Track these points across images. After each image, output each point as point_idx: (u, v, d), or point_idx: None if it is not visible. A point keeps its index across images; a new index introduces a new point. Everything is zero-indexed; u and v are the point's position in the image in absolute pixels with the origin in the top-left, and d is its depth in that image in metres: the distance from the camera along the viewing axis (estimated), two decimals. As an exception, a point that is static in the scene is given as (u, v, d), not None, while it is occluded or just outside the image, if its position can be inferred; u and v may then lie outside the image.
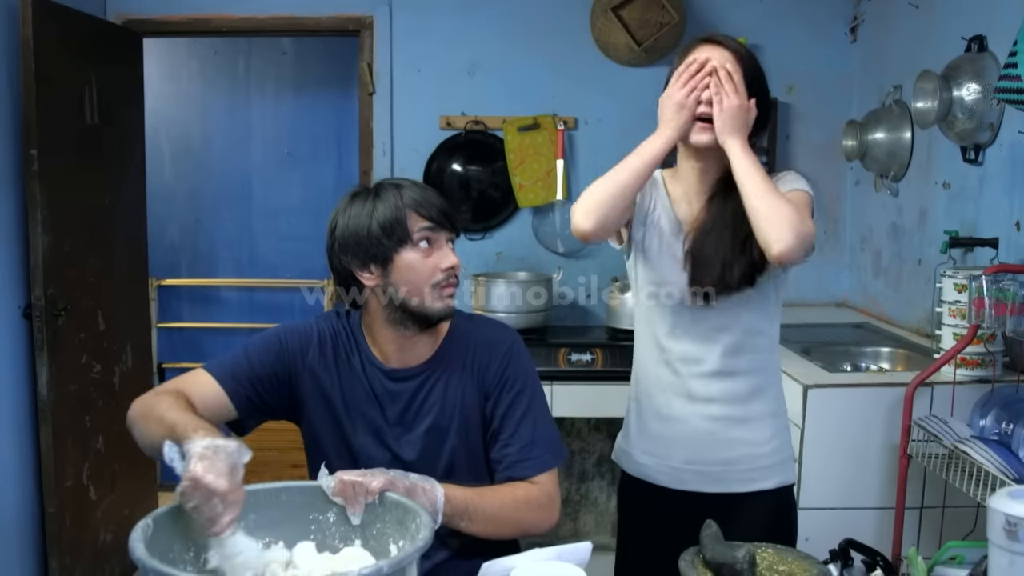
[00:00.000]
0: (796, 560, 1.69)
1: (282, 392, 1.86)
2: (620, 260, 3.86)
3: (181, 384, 1.78)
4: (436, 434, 1.86)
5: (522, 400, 1.87)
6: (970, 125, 2.95)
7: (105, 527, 3.75)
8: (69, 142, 3.50)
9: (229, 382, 1.80)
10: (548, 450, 1.86)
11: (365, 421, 1.86)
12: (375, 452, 1.86)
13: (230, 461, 1.42)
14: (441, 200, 1.82)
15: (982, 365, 2.68)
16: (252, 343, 1.87)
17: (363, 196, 1.81)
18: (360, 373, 1.87)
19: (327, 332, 1.90)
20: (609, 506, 4.21)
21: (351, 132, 4.73)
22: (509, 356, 1.89)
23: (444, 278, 1.80)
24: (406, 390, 1.87)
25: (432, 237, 1.79)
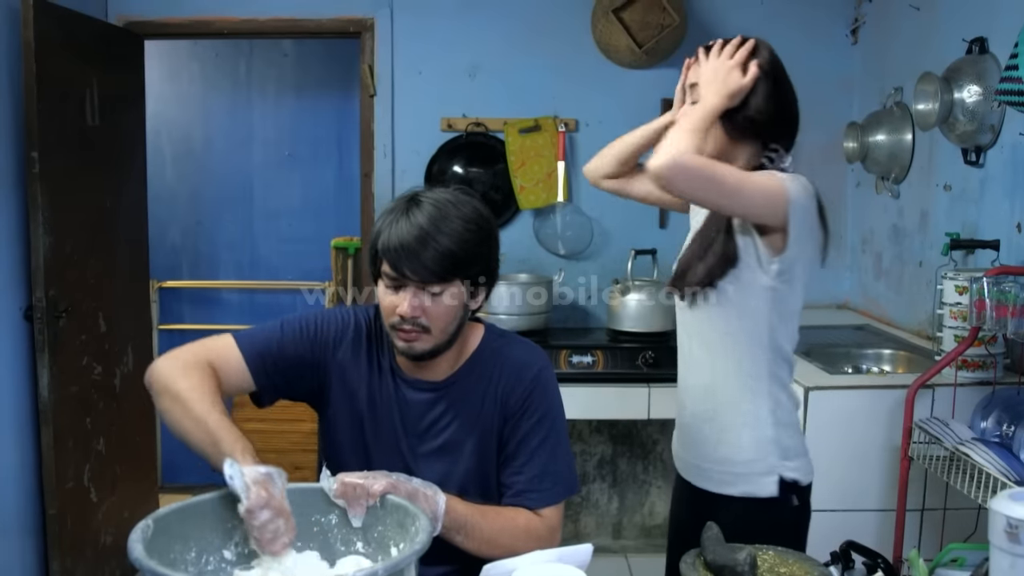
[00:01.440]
0: (797, 562, 1.69)
1: (307, 379, 1.82)
2: (621, 261, 3.88)
3: (209, 353, 1.73)
4: (451, 451, 1.83)
5: (541, 429, 1.82)
6: (971, 127, 2.95)
7: (106, 529, 3.75)
8: (70, 144, 3.51)
9: (255, 360, 1.76)
10: (558, 483, 1.82)
11: (384, 424, 1.83)
12: (389, 457, 1.83)
13: (283, 491, 1.49)
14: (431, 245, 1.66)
15: (983, 367, 2.68)
16: (288, 323, 1.82)
17: (395, 204, 1.75)
18: (388, 374, 1.84)
19: (363, 326, 1.86)
20: (610, 508, 4.21)
21: (352, 134, 4.73)
22: (536, 382, 1.83)
23: (397, 322, 1.71)
24: (425, 402, 1.83)
25: (395, 283, 1.71)
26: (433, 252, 1.66)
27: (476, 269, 1.75)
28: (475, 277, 1.76)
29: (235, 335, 1.77)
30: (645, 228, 4.17)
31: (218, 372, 1.70)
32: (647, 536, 4.26)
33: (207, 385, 1.65)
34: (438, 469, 1.81)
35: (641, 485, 4.24)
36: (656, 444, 4.21)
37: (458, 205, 1.71)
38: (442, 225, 1.67)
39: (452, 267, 1.69)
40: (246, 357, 1.75)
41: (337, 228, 4.87)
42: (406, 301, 1.69)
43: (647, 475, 4.23)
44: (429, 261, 1.66)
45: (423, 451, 1.83)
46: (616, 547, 4.26)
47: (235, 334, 1.78)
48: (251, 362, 1.75)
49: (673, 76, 4.04)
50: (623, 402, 3.70)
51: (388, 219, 1.71)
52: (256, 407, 1.86)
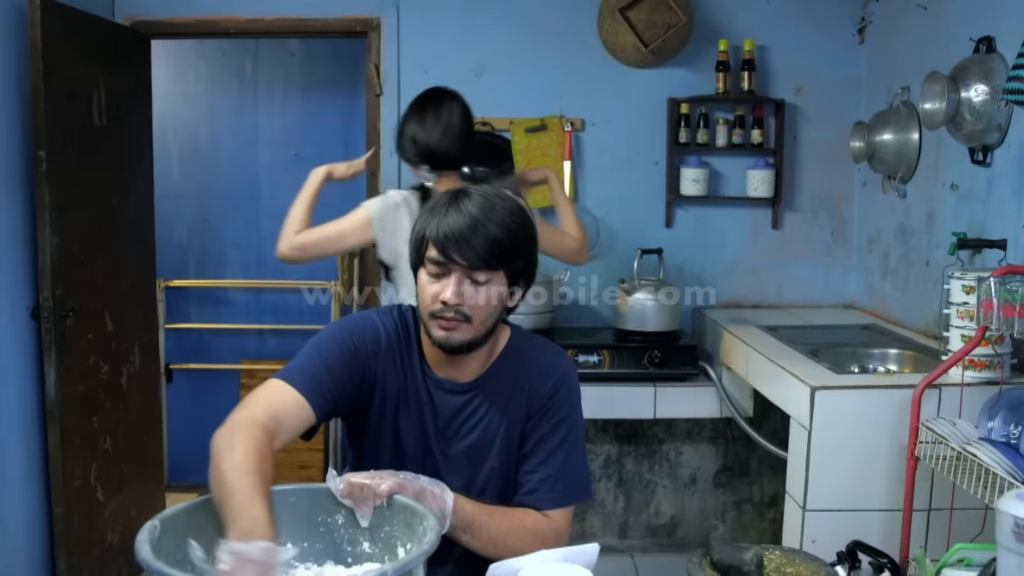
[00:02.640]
0: (804, 562, 1.69)
1: (356, 395, 1.81)
2: (627, 262, 3.88)
3: (270, 405, 1.66)
4: (477, 453, 1.83)
5: (560, 431, 1.84)
6: (978, 126, 2.94)
7: (112, 528, 3.76)
8: (77, 143, 3.51)
9: (315, 398, 1.71)
10: (571, 487, 1.83)
11: (416, 424, 1.84)
12: (420, 457, 1.83)
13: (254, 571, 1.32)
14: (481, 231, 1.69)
15: (990, 367, 2.67)
16: (326, 349, 1.77)
17: (441, 198, 1.77)
18: (419, 374, 1.84)
19: (391, 330, 1.85)
20: (616, 508, 4.21)
21: (358, 133, 4.73)
22: (559, 385, 1.85)
23: (439, 310, 1.72)
24: (453, 403, 1.84)
25: (442, 269, 1.72)
26: (483, 239, 1.69)
27: (520, 263, 1.78)
28: (517, 271, 1.78)
29: (282, 376, 1.72)
30: (651, 228, 4.17)
31: (275, 420, 1.63)
32: (653, 536, 4.26)
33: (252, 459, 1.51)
34: (464, 470, 1.83)
35: (647, 485, 4.24)
36: (662, 444, 4.21)
37: (505, 199, 1.76)
38: (491, 214, 1.71)
39: (499, 255, 1.72)
40: (302, 392, 1.69)
41: (343, 227, 4.87)
42: (450, 287, 1.71)
43: (653, 474, 4.23)
44: (478, 247, 1.69)
45: (451, 452, 1.84)
46: (622, 547, 4.26)
47: (282, 375, 1.72)
48: (312, 400, 1.70)
49: (680, 75, 4.10)
50: (629, 401, 3.71)
51: (436, 210, 1.74)
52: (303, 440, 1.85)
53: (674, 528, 4.26)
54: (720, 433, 4.22)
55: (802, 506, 2.77)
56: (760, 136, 4.08)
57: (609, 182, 4.18)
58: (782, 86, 4.14)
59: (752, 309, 4.17)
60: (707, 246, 4.21)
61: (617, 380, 3.70)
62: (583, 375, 3.62)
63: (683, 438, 4.22)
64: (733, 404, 3.71)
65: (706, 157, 4.14)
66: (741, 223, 4.21)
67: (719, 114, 4.12)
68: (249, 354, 5.11)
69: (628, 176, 4.17)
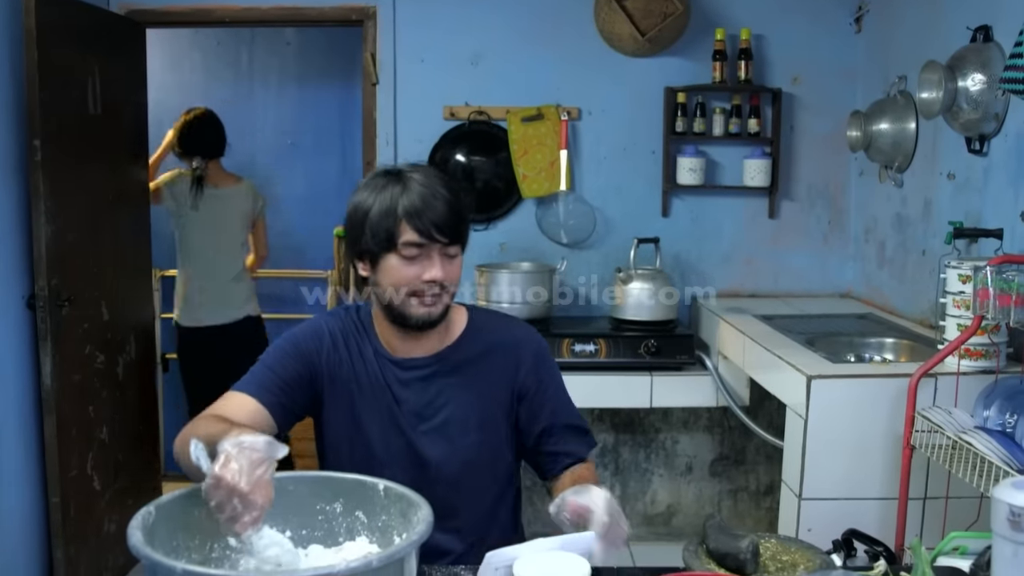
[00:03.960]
0: (799, 550, 1.69)
1: (308, 392, 1.88)
2: (624, 251, 3.88)
3: (218, 409, 1.77)
4: (455, 427, 1.87)
5: (559, 393, 1.94)
6: (975, 115, 2.94)
7: (109, 517, 3.76)
8: (72, 132, 3.50)
9: (264, 395, 1.80)
10: (586, 430, 1.96)
11: (380, 410, 1.87)
12: (392, 441, 1.87)
13: (254, 458, 1.40)
14: (447, 206, 1.76)
15: (986, 356, 2.67)
16: (268, 356, 1.88)
17: (377, 181, 1.79)
18: (372, 362, 1.88)
19: (336, 328, 1.91)
20: (613, 495, 4.21)
21: (354, 123, 4.72)
22: (540, 356, 1.94)
23: (423, 288, 1.77)
24: (417, 379, 1.88)
25: (420, 251, 1.76)
26: (455, 215, 1.77)
27: (468, 229, 1.86)
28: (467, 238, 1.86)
29: (233, 388, 1.83)
30: (648, 217, 4.16)
31: (228, 417, 1.71)
32: (649, 524, 4.27)
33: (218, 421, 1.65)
34: (442, 446, 1.86)
35: (643, 473, 4.25)
36: (659, 432, 4.22)
37: (432, 171, 1.84)
38: (448, 188, 1.78)
39: (466, 227, 1.82)
40: (255, 396, 1.79)
41: (340, 217, 4.77)
42: (436, 266, 1.76)
43: (649, 463, 4.24)
44: (454, 224, 1.77)
45: (424, 429, 1.87)
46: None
47: (233, 387, 1.83)
48: (262, 398, 1.79)
49: (677, 64, 4.09)
50: (625, 390, 3.71)
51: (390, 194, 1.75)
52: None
53: (670, 517, 4.27)
54: (716, 422, 4.22)
55: (798, 495, 2.78)
56: (757, 125, 4.08)
57: (606, 171, 4.17)
58: (779, 75, 4.14)
59: (749, 298, 4.17)
60: (704, 235, 4.21)
61: (613, 369, 3.70)
62: (579, 364, 3.68)
63: (679, 427, 4.23)
64: (729, 393, 3.71)
65: (703, 146, 4.13)
66: (738, 212, 4.21)
67: (716, 103, 4.12)
68: (245, 344, 5.10)
69: (625, 165, 4.17)
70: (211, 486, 1.38)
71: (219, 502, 1.38)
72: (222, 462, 1.39)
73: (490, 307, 3.57)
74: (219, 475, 1.37)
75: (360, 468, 1.74)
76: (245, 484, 1.37)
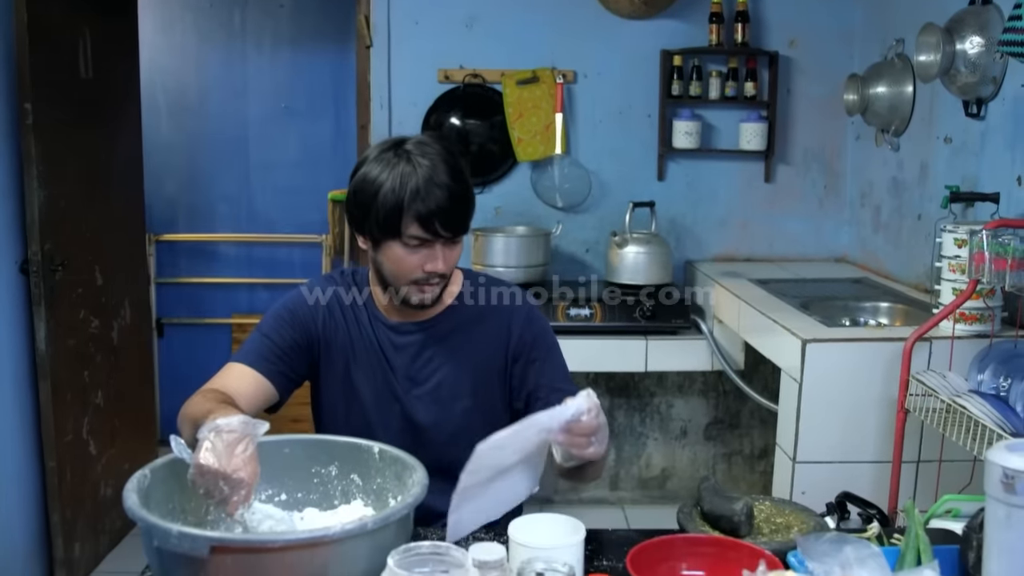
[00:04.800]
0: (793, 512, 1.70)
1: (305, 358, 1.89)
2: (619, 215, 3.88)
3: (218, 381, 1.78)
4: (448, 391, 1.87)
5: (554, 356, 1.93)
6: (973, 79, 2.93)
7: (105, 481, 3.77)
8: (64, 96, 3.47)
9: (262, 364, 1.81)
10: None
11: (374, 375, 1.88)
12: (386, 405, 1.88)
13: (230, 439, 1.40)
14: (453, 200, 1.72)
15: (981, 320, 2.68)
16: (264, 324, 1.88)
17: (388, 157, 1.75)
18: (367, 326, 1.89)
19: (331, 292, 1.92)
20: (607, 460, 4.23)
21: (348, 86, 4.69)
22: (531, 317, 1.94)
23: (424, 278, 1.77)
24: (411, 344, 1.88)
25: (423, 243, 1.74)
26: (460, 209, 1.75)
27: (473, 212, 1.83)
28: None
29: (232, 359, 1.84)
30: (643, 181, 4.15)
31: (230, 391, 1.73)
32: (644, 488, 4.29)
33: (210, 397, 1.66)
34: (434, 411, 1.87)
35: (638, 437, 4.26)
36: (653, 397, 4.23)
37: (438, 149, 1.76)
38: (451, 176, 1.73)
39: (470, 217, 1.80)
40: (254, 366, 1.81)
41: (334, 181, 4.84)
42: (438, 258, 1.75)
43: (644, 427, 4.26)
44: (460, 219, 1.76)
45: (417, 394, 1.89)
46: (613, 499, 4.29)
47: (232, 358, 1.84)
48: (260, 367, 1.81)
49: (674, 27, 4.05)
50: (620, 355, 3.71)
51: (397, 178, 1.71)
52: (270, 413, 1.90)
53: (665, 480, 4.30)
54: (711, 386, 4.23)
55: (792, 458, 2.79)
56: (753, 89, 4.06)
57: (601, 135, 4.15)
58: (776, 38, 4.11)
59: (744, 263, 4.17)
60: (699, 199, 4.20)
61: (608, 333, 3.70)
62: (574, 328, 3.68)
63: (674, 391, 4.24)
64: (724, 357, 3.72)
65: (699, 110, 4.11)
66: (733, 176, 4.20)
67: (712, 66, 4.09)
68: (240, 308, 5.10)
69: (620, 129, 4.15)
70: (195, 475, 1.40)
71: (206, 488, 1.40)
72: (201, 449, 1.39)
73: (485, 271, 3.57)
74: (199, 463, 1.38)
75: (355, 432, 1.75)
76: (226, 466, 1.38)
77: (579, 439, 1.53)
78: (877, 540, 1.56)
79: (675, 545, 1.52)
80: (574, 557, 1.40)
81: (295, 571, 1.26)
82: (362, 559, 1.29)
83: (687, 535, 1.57)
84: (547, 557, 1.29)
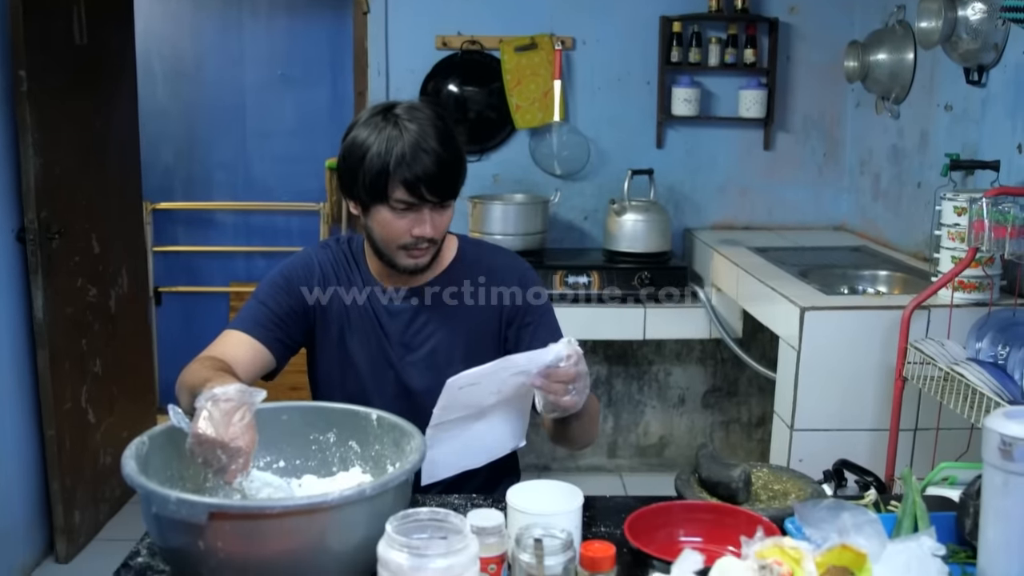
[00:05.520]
0: (791, 479, 1.70)
1: (302, 325, 1.89)
2: (618, 183, 3.86)
3: (215, 349, 1.78)
4: (442, 357, 1.87)
5: (549, 318, 1.93)
6: (974, 46, 2.91)
7: (105, 449, 3.78)
8: (58, 63, 3.44)
9: (259, 331, 1.82)
10: None
11: (369, 341, 1.89)
12: (381, 371, 1.88)
13: (227, 407, 1.40)
14: (440, 165, 1.71)
15: (979, 289, 2.68)
16: (260, 291, 1.89)
17: (377, 121, 1.74)
18: (363, 291, 1.90)
19: (327, 259, 1.92)
20: (605, 428, 4.25)
21: (345, 53, 4.65)
22: (527, 281, 1.93)
23: (413, 243, 1.77)
24: (406, 310, 1.89)
25: (411, 207, 1.74)
26: (449, 174, 1.73)
27: (465, 176, 1.82)
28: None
29: (229, 326, 1.85)
30: (642, 148, 4.13)
31: (227, 358, 1.74)
32: (642, 455, 4.31)
33: (207, 365, 1.67)
34: (428, 376, 1.86)
35: (636, 405, 4.27)
36: (651, 364, 4.24)
37: (429, 114, 1.75)
38: (441, 142, 1.72)
39: (459, 179, 1.78)
40: (251, 333, 1.81)
41: (331, 148, 4.77)
42: (425, 222, 1.75)
43: (642, 395, 4.26)
44: (448, 183, 1.74)
45: (411, 360, 1.89)
46: (611, 466, 4.31)
47: (228, 325, 1.85)
48: (257, 333, 1.81)
49: (672, -8, 4.00)
50: (619, 322, 3.71)
51: (385, 141, 1.70)
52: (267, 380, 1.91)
53: (662, 448, 4.31)
54: (709, 354, 4.24)
55: (790, 426, 2.80)
56: (753, 56, 4.03)
57: (600, 102, 4.13)
58: (776, 4, 4.07)
59: (743, 231, 4.16)
60: (698, 167, 4.19)
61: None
62: (573, 296, 3.67)
63: (672, 359, 4.24)
64: (722, 325, 3.72)
65: (698, 77, 4.09)
66: (733, 144, 4.18)
67: (712, 33, 4.06)
68: (238, 276, 5.09)
69: (619, 96, 4.12)
70: (193, 444, 1.40)
71: (205, 457, 1.40)
72: (198, 419, 1.39)
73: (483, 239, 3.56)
74: (197, 432, 1.38)
75: (350, 398, 1.76)
76: (223, 434, 1.38)
77: (556, 385, 1.53)
78: (874, 507, 1.56)
79: (673, 512, 1.53)
80: (572, 524, 1.40)
81: (293, 537, 1.27)
82: (360, 525, 1.29)
83: (685, 502, 1.58)
84: (545, 523, 1.30)
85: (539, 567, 1.22)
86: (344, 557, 1.31)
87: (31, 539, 3.45)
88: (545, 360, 1.50)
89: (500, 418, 1.58)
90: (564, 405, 1.55)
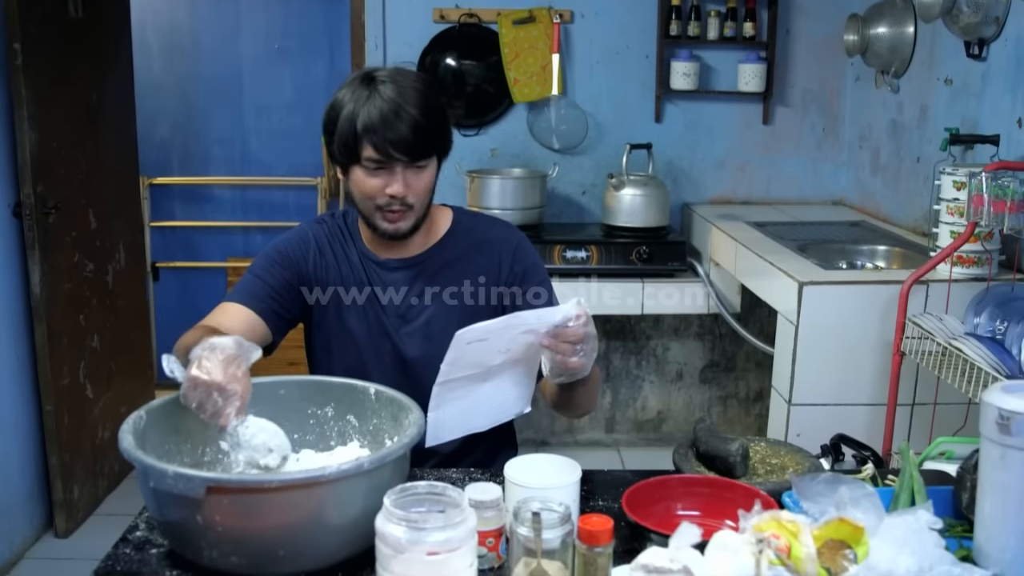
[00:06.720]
0: (788, 454, 1.71)
1: (297, 298, 1.90)
2: (616, 157, 3.85)
3: (212, 320, 1.79)
4: (438, 327, 1.87)
5: (545, 287, 1.93)
6: (975, 19, 2.89)
7: (103, 424, 3.79)
8: (53, 36, 3.42)
9: (255, 303, 1.82)
10: None
11: (365, 313, 1.90)
12: (377, 343, 1.88)
13: (226, 355, 1.42)
14: (409, 124, 1.70)
15: (978, 263, 2.67)
16: (256, 265, 1.89)
17: (354, 85, 1.77)
18: (358, 265, 1.90)
19: (322, 233, 1.93)
20: (603, 402, 4.25)
21: (343, 26, 4.62)
22: (522, 251, 1.94)
23: (387, 203, 1.77)
24: (401, 280, 1.89)
25: (382, 166, 1.74)
26: (420, 133, 1.72)
27: (447, 140, 1.82)
28: (444, 147, 1.82)
29: (225, 298, 1.86)
30: (640, 122, 4.11)
31: (220, 325, 1.75)
32: (639, 430, 4.32)
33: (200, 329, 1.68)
34: (425, 347, 1.87)
35: (634, 380, 4.28)
36: (649, 339, 4.24)
37: (410, 77, 1.77)
38: (417, 102, 1.72)
39: (434, 142, 1.76)
40: (246, 304, 1.82)
41: (328, 123, 4.80)
42: (397, 181, 1.74)
43: (640, 370, 4.27)
44: (418, 141, 1.72)
45: (408, 330, 1.89)
46: (609, 441, 4.32)
47: (225, 297, 1.86)
48: (252, 305, 1.82)
49: (671, -35, 3.97)
50: (617, 297, 3.71)
51: (356, 103, 1.72)
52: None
53: (660, 423, 4.32)
54: (707, 329, 4.24)
55: (788, 400, 2.80)
56: (752, 29, 4.00)
57: (598, 76, 4.11)
58: (776, -23, 4.05)
59: (741, 205, 4.15)
60: (697, 141, 4.17)
61: (605, 276, 3.69)
62: (571, 271, 3.67)
63: (670, 334, 4.25)
64: (721, 300, 3.72)
65: (697, 50, 4.06)
66: (731, 118, 4.16)
67: (711, 6, 4.03)
68: (235, 251, 5.08)
69: (618, 70, 4.10)
70: (188, 388, 1.41)
71: (199, 402, 1.41)
72: (194, 365, 1.41)
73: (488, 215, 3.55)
74: (192, 375, 1.40)
75: (347, 369, 1.77)
76: (220, 377, 1.40)
77: (564, 346, 1.52)
78: (871, 481, 1.56)
79: (670, 485, 1.53)
80: (570, 497, 1.41)
81: (291, 511, 1.27)
82: (358, 499, 1.30)
83: (682, 475, 1.58)
84: (543, 497, 1.30)
85: (537, 540, 1.22)
86: (342, 531, 1.31)
87: (30, 514, 3.46)
88: (554, 319, 1.50)
89: (507, 380, 1.57)
90: (571, 367, 1.54)
